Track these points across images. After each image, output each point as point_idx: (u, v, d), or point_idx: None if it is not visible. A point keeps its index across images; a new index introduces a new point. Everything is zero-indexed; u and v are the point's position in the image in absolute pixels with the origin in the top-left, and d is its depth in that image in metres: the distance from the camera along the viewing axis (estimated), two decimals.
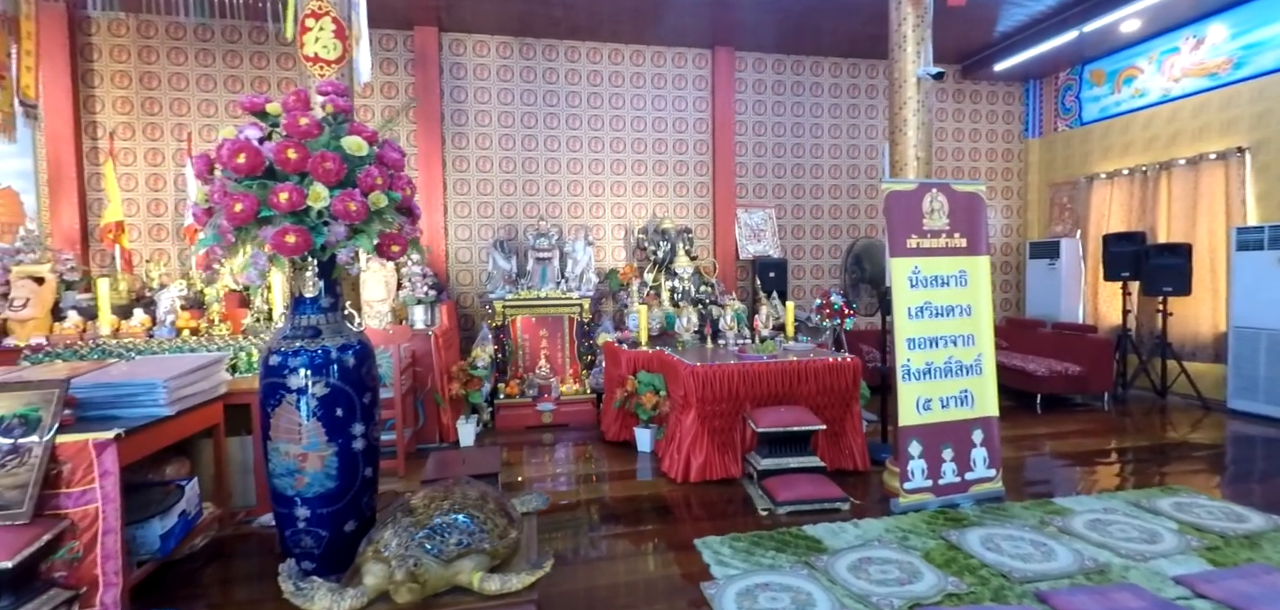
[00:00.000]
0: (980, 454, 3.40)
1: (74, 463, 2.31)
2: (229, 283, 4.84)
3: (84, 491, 2.32)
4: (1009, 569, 2.57)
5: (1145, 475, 3.91)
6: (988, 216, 3.45)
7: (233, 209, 2.13)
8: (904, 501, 3.25)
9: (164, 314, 4.49)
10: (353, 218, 2.25)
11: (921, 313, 3.32)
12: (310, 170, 2.21)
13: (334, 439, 2.36)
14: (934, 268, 3.35)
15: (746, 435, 3.87)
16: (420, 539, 1.90)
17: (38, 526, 2.19)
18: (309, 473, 2.33)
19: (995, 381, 3.45)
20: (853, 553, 2.75)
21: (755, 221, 7.08)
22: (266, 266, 2.20)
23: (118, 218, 5.35)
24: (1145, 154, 6.38)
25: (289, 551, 2.43)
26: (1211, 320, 5.80)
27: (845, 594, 2.40)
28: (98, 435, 2.32)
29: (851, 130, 7.34)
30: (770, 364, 3.87)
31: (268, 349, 2.40)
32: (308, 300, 2.44)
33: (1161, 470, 4.00)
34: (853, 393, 3.99)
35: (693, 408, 3.77)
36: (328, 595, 1.83)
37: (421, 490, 2.33)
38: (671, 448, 3.90)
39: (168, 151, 5.82)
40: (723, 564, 2.68)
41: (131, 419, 2.54)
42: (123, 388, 2.61)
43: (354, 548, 2.48)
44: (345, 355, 2.40)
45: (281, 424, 2.32)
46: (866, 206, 7.46)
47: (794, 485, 3.38)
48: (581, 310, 5.86)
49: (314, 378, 2.33)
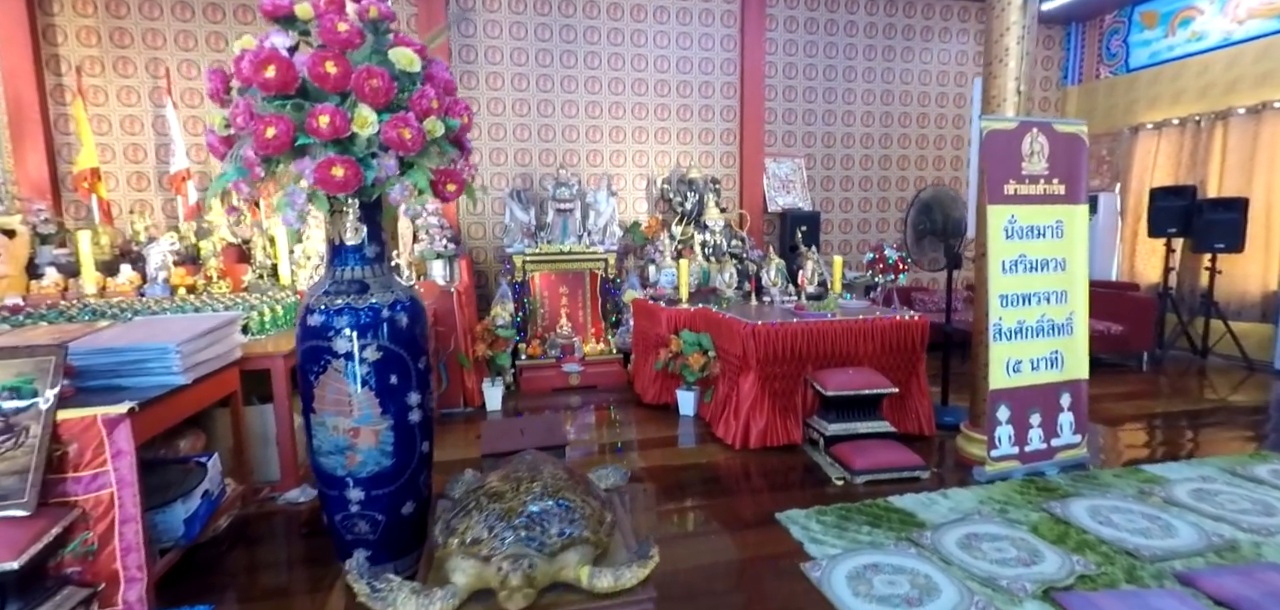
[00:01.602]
0: (1067, 419, 3.16)
1: (81, 442, 1.96)
2: (226, 235, 4.41)
3: (96, 475, 1.98)
4: (1134, 546, 2.34)
5: (1219, 440, 3.71)
6: (1085, 160, 3.12)
7: (264, 134, 1.74)
8: (991, 469, 3.01)
9: (155, 270, 4.07)
10: (407, 148, 1.87)
11: (1016, 267, 3.02)
12: (353, 88, 1.82)
13: (388, 411, 2.03)
14: (1031, 217, 3.04)
15: (807, 399, 3.60)
16: (518, 531, 1.60)
17: (44, 518, 1.84)
18: (362, 449, 2.00)
19: (1087, 342, 3.19)
20: (955, 528, 2.50)
21: (784, 172, 6.71)
22: (305, 206, 1.82)
23: (92, 164, 4.85)
24: (1199, 103, 6.07)
25: (339, 538, 2.12)
26: (1261, 279, 5.60)
27: (967, 576, 2.15)
28: (108, 410, 1.97)
29: (887, 75, 6.92)
30: (833, 322, 3.57)
31: (305, 307, 2.04)
32: (349, 249, 2.07)
33: (1233, 434, 3.81)
34: (919, 353, 3.72)
35: (753, 369, 3.48)
36: (412, 598, 1.53)
37: (492, 469, 2.02)
38: (727, 412, 3.62)
39: (143, 89, 5.25)
40: (816, 541, 2.42)
41: (141, 389, 2.18)
42: (129, 353, 2.23)
43: (412, 531, 2.19)
44: (397, 314, 2.05)
45: (328, 395, 1.98)
46: (915, 157, 7.11)
47: (868, 452, 3.12)
48: (606, 265, 5.51)
49: (364, 340, 1.98)
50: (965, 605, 1.97)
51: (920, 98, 7.07)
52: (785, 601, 2.09)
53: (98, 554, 2.00)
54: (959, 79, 7.15)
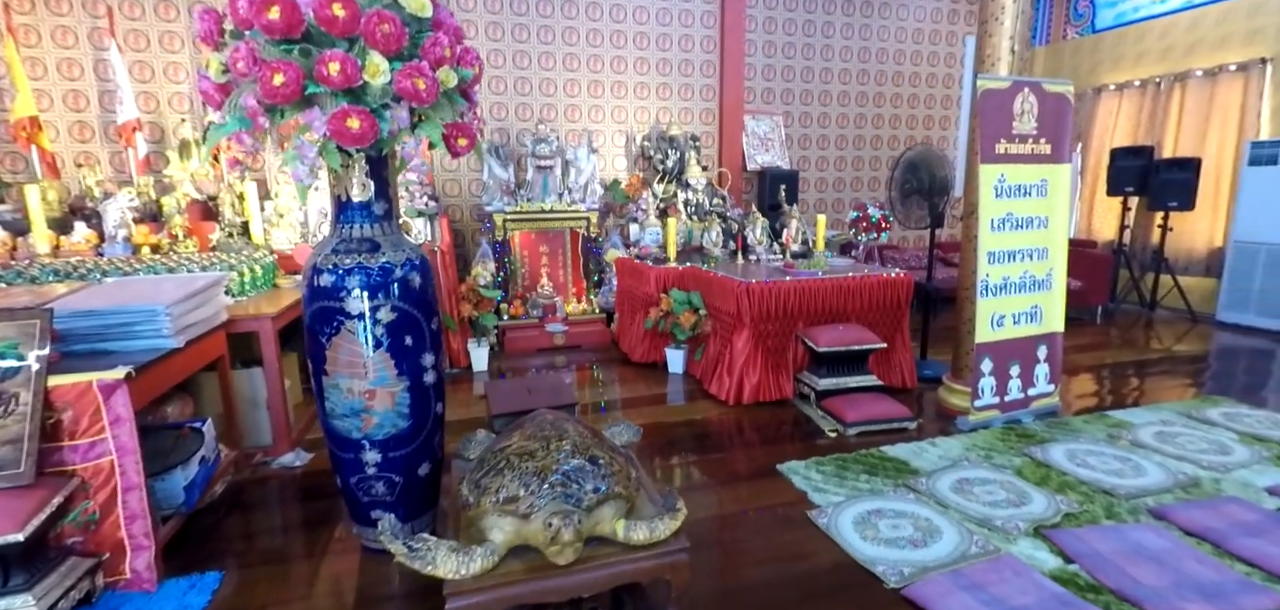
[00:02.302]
0: (1043, 370, 3.33)
1: (76, 409, 1.86)
2: (190, 191, 4.17)
3: (94, 443, 1.89)
4: (1110, 486, 2.51)
5: (1173, 386, 3.98)
6: (1070, 120, 3.22)
7: (270, 82, 1.63)
8: (973, 418, 3.17)
9: (113, 228, 3.82)
10: (421, 99, 1.79)
11: (1003, 225, 3.13)
12: (363, 34, 1.72)
13: (404, 372, 1.99)
14: (1018, 176, 3.13)
15: (798, 354, 3.68)
16: (555, 488, 1.60)
17: (44, 487, 1.76)
18: (378, 412, 1.97)
19: (1064, 297, 3.35)
20: (947, 474, 2.64)
21: (763, 129, 6.71)
22: (316, 160, 1.74)
23: (30, 111, 4.46)
24: (1159, 65, 6.30)
25: (354, 501, 2.09)
26: (1207, 235, 5.95)
27: (964, 518, 2.28)
28: (104, 375, 1.87)
29: (864, 31, 6.93)
30: (824, 281, 3.64)
31: (312, 266, 1.96)
32: (356, 207, 1.99)
33: (1184, 381, 4.10)
34: (904, 309, 3.84)
35: (746, 327, 3.53)
36: (451, 556, 1.52)
37: (504, 429, 2.02)
38: (720, 369, 3.68)
39: (80, 30, 4.82)
40: (819, 491, 2.52)
41: (130, 353, 2.08)
42: (116, 316, 2.11)
43: (428, 492, 2.18)
44: (410, 273, 2.00)
45: (340, 357, 1.92)
46: (890, 116, 7.19)
47: (859, 405, 3.23)
48: (588, 224, 5.45)
49: (377, 301, 1.92)
50: (965, 544, 2.10)
51: (896, 55, 7.13)
52: (798, 547, 2.18)
53: (100, 523, 1.92)
54: (934, 36, 7.22)
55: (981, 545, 2.09)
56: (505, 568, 1.58)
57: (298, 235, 4.14)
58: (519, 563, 1.59)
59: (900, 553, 2.07)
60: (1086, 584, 1.89)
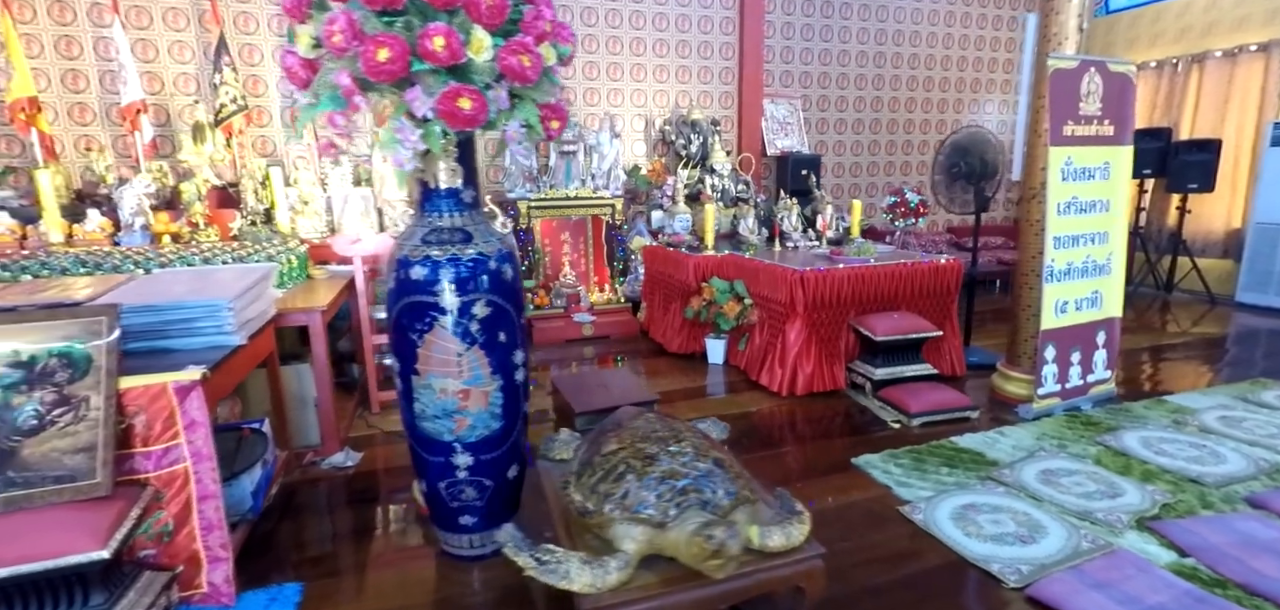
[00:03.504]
0: (1101, 356, 3.30)
1: (149, 414, 1.72)
2: (209, 176, 3.96)
3: (167, 450, 1.75)
4: (1196, 474, 2.48)
5: (1207, 369, 4.00)
6: (1133, 101, 3.17)
7: (374, 57, 1.49)
8: (1036, 407, 3.13)
9: (130, 216, 3.62)
10: (525, 77, 1.66)
11: (1068, 209, 3.07)
12: (465, 6, 1.58)
13: (498, 370, 1.87)
14: (1084, 158, 3.08)
15: (848, 343, 3.62)
16: (688, 494, 1.51)
17: (121, 499, 1.61)
18: (472, 412, 1.85)
19: (1123, 281, 3.32)
20: (1027, 465, 2.59)
21: (781, 114, 6.61)
22: (418, 144, 1.60)
23: (29, 92, 4.18)
24: (1176, 46, 6.31)
25: (442, 506, 1.98)
26: (1226, 217, 5.99)
27: (1061, 511, 2.22)
28: (179, 376, 1.72)
29: (880, 12, 6.84)
30: (876, 268, 3.57)
31: (399, 259, 1.83)
32: (443, 194, 1.85)
33: (1220, 362, 4.12)
34: (953, 295, 3.79)
35: (800, 316, 3.45)
36: (585, 569, 1.42)
37: (607, 429, 1.91)
38: (771, 359, 3.59)
39: (80, 6, 4.54)
40: (903, 485, 2.45)
41: (192, 351, 1.93)
42: (176, 311, 1.96)
43: (513, 496, 2.07)
44: (503, 265, 1.87)
45: (433, 355, 1.79)
46: (905, 99, 7.11)
47: (920, 395, 3.18)
48: (613, 211, 5.32)
49: (473, 294, 1.79)
50: (1074, 540, 2.04)
51: (912, 37, 7.04)
52: (900, 545, 2.11)
53: (174, 535, 1.78)
54: (949, 17, 7.15)
55: (1092, 541, 2.03)
56: (640, 579, 1.48)
57: (322, 223, 3.96)
58: (652, 574, 1.50)
59: (1010, 550, 2.01)
60: (1209, 578, 1.85)
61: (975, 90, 7.41)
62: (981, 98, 7.46)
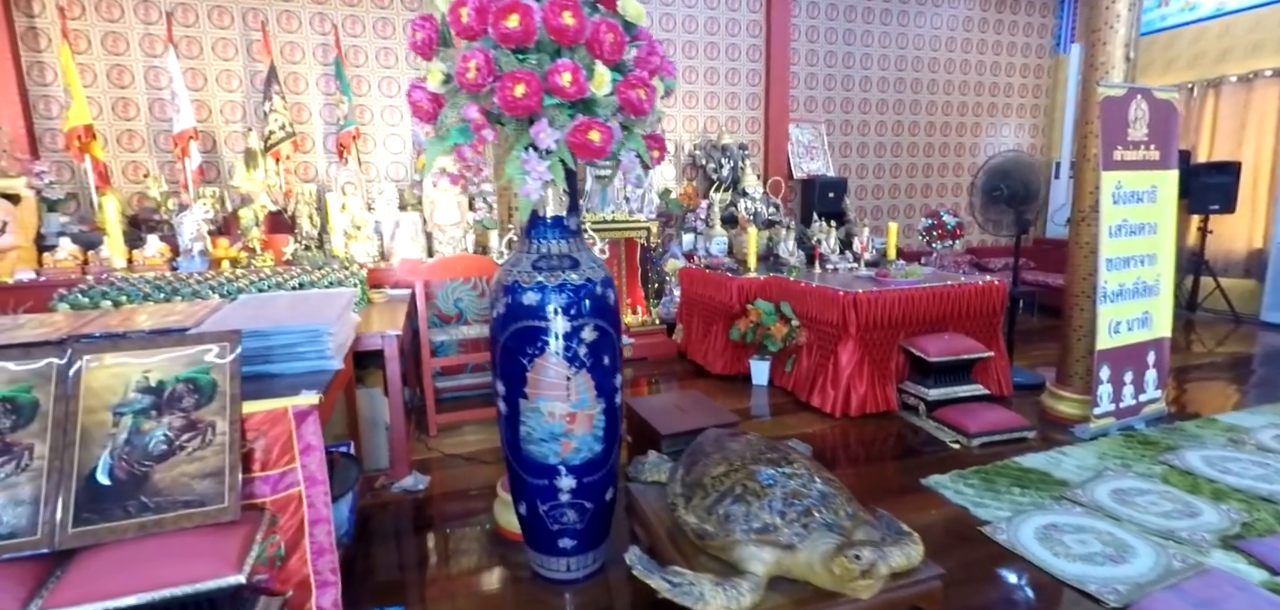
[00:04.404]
0: (1152, 375, 3.34)
1: (269, 438, 1.74)
2: (266, 202, 4.02)
3: (284, 474, 1.76)
4: (1267, 493, 2.51)
5: (1238, 387, 4.04)
6: (1177, 127, 3.25)
7: (511, 93, 1.55)
8: (1093, 427, 3.16)
9: (190, 241, 3.67)
10: (641, 110, 1.72)
11: (1119, 232, 3.14)
12: (588, 43, 1.65)
13: (602, 393, 1.90)
14: (1133, 182, 3.15)
15: (898, 364, 3.66)
16: (811, 514, 1.54)
17: (245, 523, 1.63)
18: (577, 435, 1.88)
19: (1171, 301, 3.38)
20: (1097, 485, 2.62)
21: (806, 138, 6.71)
22: (546, 174, 1.65)
23: (85, 120, 4.27)
24: (1190, 71, 6.45)
25: (542, 529, 2.00)
26: (1247, 238, 6.08)
27: (1142, 531, 2.25)
28: (297, 400, 1.75)
29: (901, 39, 6.99)
30: (924, 289, 3.62)
31: (507, 284, 1.87)
32: (548, 222, 1.90)
33: (1248, 383, 4.16)
34: (998, 316, 3.84)
35: (852, 337, 3.49)
36: (717, 591, 1.45)
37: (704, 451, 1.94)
38: (822, 381, 3.63)
39: (132, 36, 4.65)
40: (979, 505, 2.48)
41: (293, 376, 1.96)
42: (282, 336, 1.99)
43: (609, 518, 2.09)
44: (606, 290, 1.92)
45: (543, 378, 1.83)
46: (925, 123, 7.25)
47: (977, 415, 3.21)
48: (648, 234, 5.38)
49: (580, 319, 1.84)
50: (1165, 560, 2.07)
51: (931, 63, 7.20)
52: (991, 564, 2.13)
53: (286, 559, 1.80)
54: (965, 45, 7.31)
55: (1182, 560, 2.06)
56: (769, 601, 1.51)
57: (375, 248, 4.01)
58: (782, 595, 1.52)
59: (1102, 570, 2.03)
60: None
61: (993, 115, 7.56)
62: (1000, 121, 7.61)
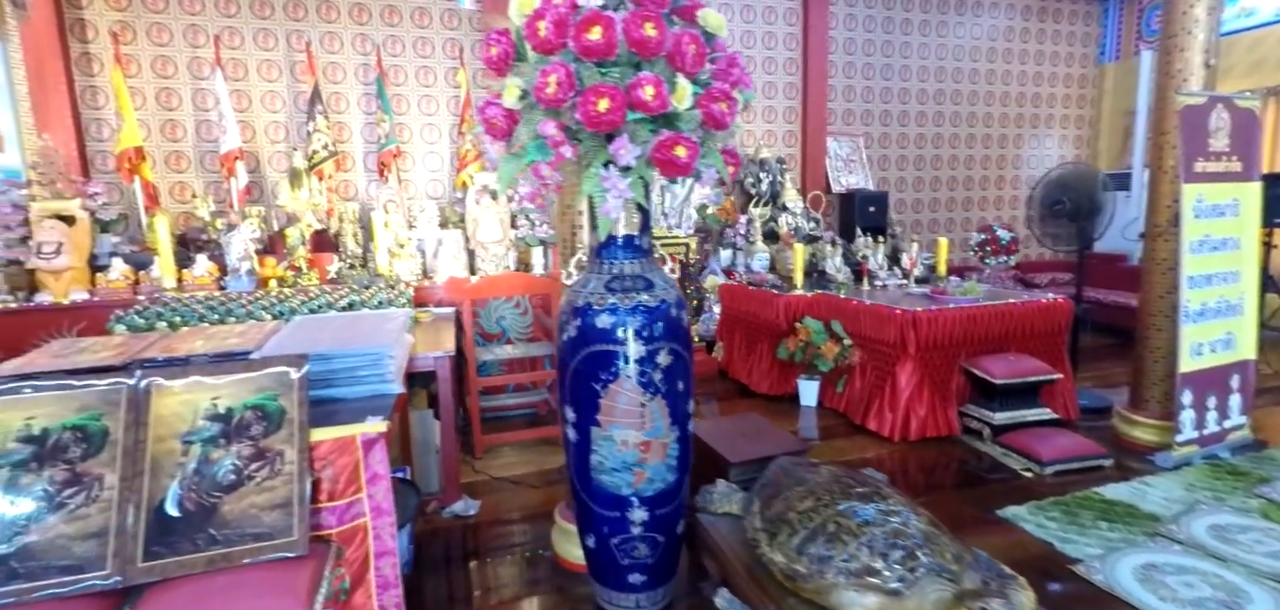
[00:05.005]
0: (1236, 400, 3.15)
1: (336, 467, 1.68)
2: (311, 221, 4.03)
3: (350, 504, 1.70)
4: None
5: None
6: (1259, 137, 3.08)
7: (594, 108, 1.48)
8: (1175, 455, 2.98)
9: (237, 260, 3.67)
10: (722, 124, 1.64)
11: (1201, 247, 2.97)
12: (669, 55, 1.58)
13: (677, 421, 1.81)
14: (1215, 196, 2.98)
15: (958, 386, 3.50)
16: (916, 555, 1.42)
17: (314, 557, 1.57)
18: (651, 466, 1.79)
19: (1256, 321, 3.18)
20: (1191, 520, 2.44)
21: (845, 151, 6.59)
22: (627, 192, 1.58)
23: (136, 142, 4.34)
24: (1248, 79, 6.19)
25: (611, 563, 1.90)
26: None
27: (1253, 574, 2.08)
28: (366, 428, 1.69)
29: (940, 51, 6.85)
30: (986, 307, 3.48)
31: (573, 305, 1.80)
32: (620, 241, 1.83)
33: None
34: (1063, 336, 3.67)
35: (911, 358, 3.36)
36: None
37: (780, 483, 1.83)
38: (879, 403, 3.49)
39: (180, 59, 4.72)
40: (1066, 540, 2.32)
41: (355, 401, 1.90)
42: (343, 360, 1.94)
43: (678, 552, 1.99)
44: (681, 312, 1.83)
45: (618, 405, 1.74)
46: (965, 135, 7.09)
47: (1049, 441, 3.05)
48: (687, 250, 5.29)
49: (656, 343, 1.75)
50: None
51: (971, 75, 7.04)
52: (1089, 607, 1.98)
53: (351, 593, 1.73)
54: (1007, 55, 7.15)
55: None
56: None
57: (418, 266, 3.99)
58: None
59: None
60: None
61: (1036, 126, 7.37)
62: (1042, 133, 7.42)
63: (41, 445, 1.50)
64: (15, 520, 1.43)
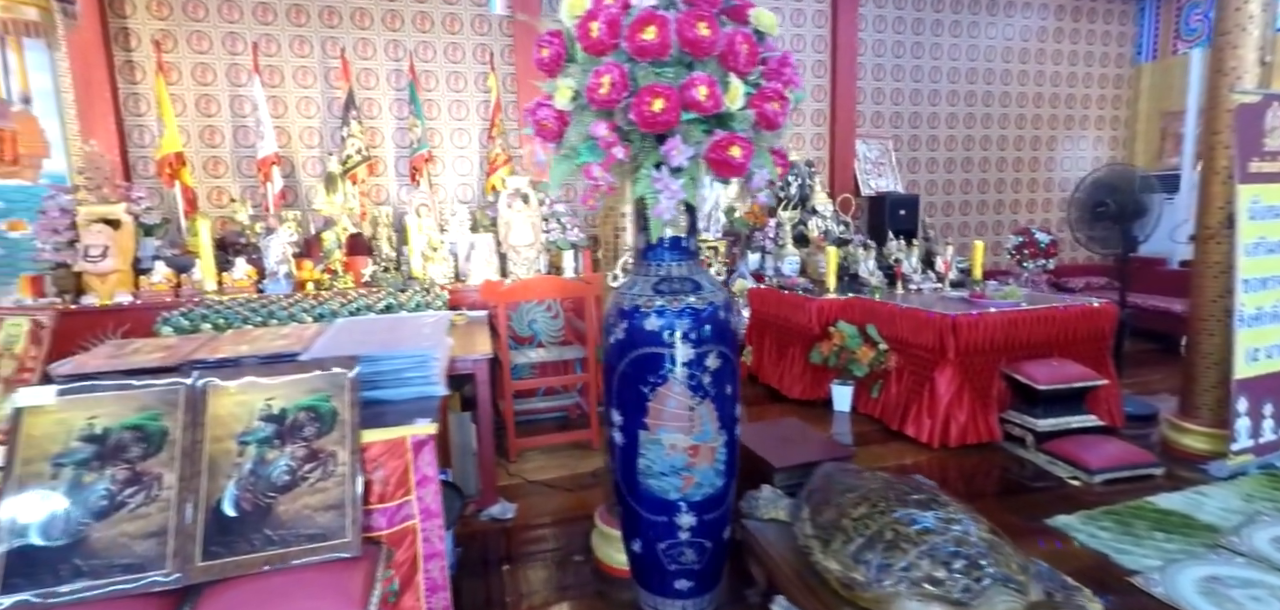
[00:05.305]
0: None
1: (386, 469, 1.69)
2: (347, 225, 4.08)
3: (400, 506, 1.71)
4: None
5: None
6: None
7: (648, 108, 1.47)
8: (1231, 464, 2.88)
9: (275, 264, 3.73)
10: (775, 124, 1.62)
11: (1257, 250, 2.87)
12: (722, 55, 1.56)
13: (725, 425, 1.79)
14: (1271, 197, 2.88)
15: (999, 391, 3.43)
16: (981, 565, 1.38)
17: (366, 559, 1.58)
18: (699, 470, 1.76)
19: None
20: (1253, 531, 2.35)
21: (873, 154, 6.52)
22: (680, 193, 1.56)
23: (176, 148, 4.44)
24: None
25: (658, 568, 1.88)
26: None
27: None
28: (416, 430, 1.69)
29: (971, 52, 6.75)
30: (1027, 312, 3.40)
31: (620, 308, 1.78)
32: (667, 243, 1.81)
33: None
34: (1107, 341, 3.57)
35: (950, 363, 3.29)
36: None
37: (830, 488, 1.80)
38: (917, 409, 3.42)
39: (219, 67, 4.82)
40: (1122, 551, 2.25)
41: (400, 403, 1.91)
42: (390, 362, 1.95)
43: (723, 558, 1.96)
44: (728, 315, 1.81)
45: (666, 408, 1.73)
46: (997, 137, 6.98)
47: (1097, 449, 2.96)
48: (716, 254, 5.26)
49: (705, 346, 1.73)
50: None
51: (1003, 76, 6.93)
52: None
53: (400, 596, 1.73)
54: (1040, 56, 7.02)
55: None
56: None
57: (450, 269, 4.02)
58: None
59: None
60: None
61: (1070, 128, 7.23)
62: (1077, 134, 7.27)
63: (103, 444, 1.53)
64: (80, 518, 1.46)
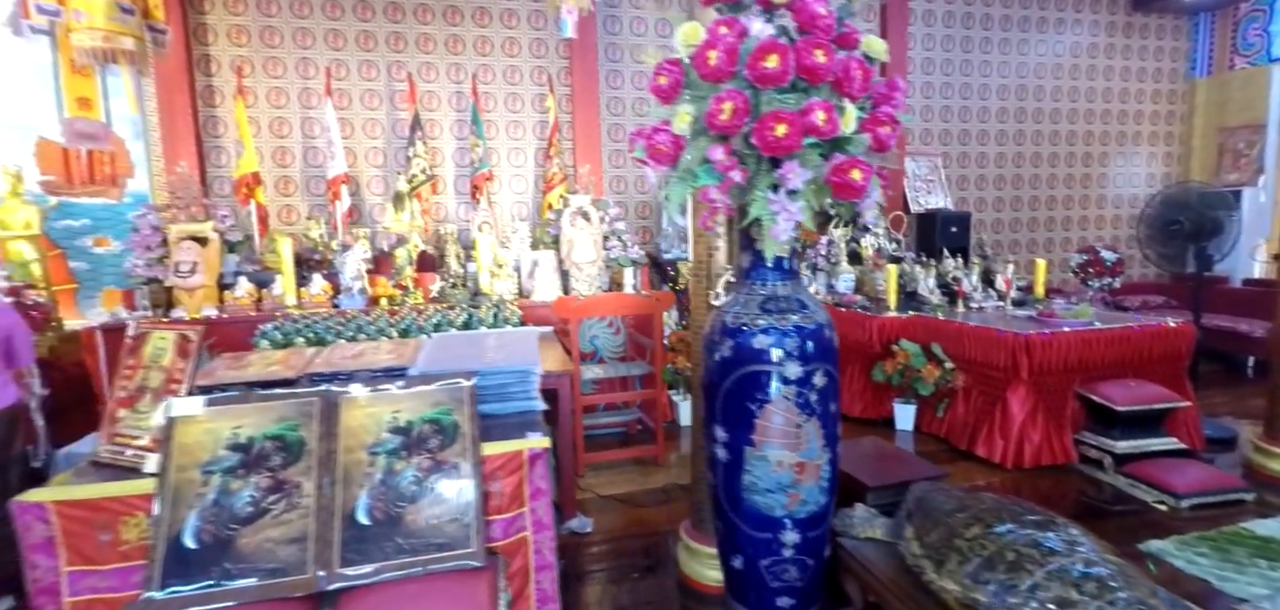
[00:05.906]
0: None
1: (503, 481, 1.75)
2: (418, 242, 4.21)
3: (514, 517, 1.77)
4: None
5: None
6: None
7: (771, 132, 1.52)
8: None
9: (350, 280, 3.86)
10: (886, 147, 1.66)
11: None
12: (836, 81, 1.60)
13: (829, 443, 1.81)
14: None
15: (1073, 412, 3.37)
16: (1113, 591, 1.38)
17: (488, 569, 1.63)
18: (805, 487, 1.78)
19: None
20: None
21: (922, 171, 6.48)
22: (797, 214, 1.60)
23: (253, 168, 4.63)
24: None
25: (759, 586, 1.90)
26: None
27: None
28: (532, 444, 1.76)
29: (1021, 68, 6.69)
30: (1102, 332, 3.34)
31: (725, 326, 1.82)
32: (769, 263, 1.85)
33: None
34: (1183, 362, 3.49)
35: (1023, 382, 3.25)
36: None
37: (939, 508, 1.80)
38: (988, 429, 3.39)
39: (292, 91, 5.04)
40: (1223, 579, 2.20)
41: (502, 417, 1.97)
42: (495, 377, 2.02)
43: (823, 577, 1.97)
44: (832, 333, 1.84)
45: (773, 425, 1.75)
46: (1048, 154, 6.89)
47: (1183, 473, 2.89)
48: None
49: (812, 364, 1.76)
50: None
51: (1053, 92, 6.84)
52: None
53: (512, 607, 1.79)
54: (1091, 72, 6.93)
55: None
56: None
57: (514, 285, 4.11)
58: None
59: None
60: None
61: (1122, 144, 7.09)
62: (1130, 151, 7.13)
63: (247, 452, 1.62)
64: (229, 522, 1.54)
